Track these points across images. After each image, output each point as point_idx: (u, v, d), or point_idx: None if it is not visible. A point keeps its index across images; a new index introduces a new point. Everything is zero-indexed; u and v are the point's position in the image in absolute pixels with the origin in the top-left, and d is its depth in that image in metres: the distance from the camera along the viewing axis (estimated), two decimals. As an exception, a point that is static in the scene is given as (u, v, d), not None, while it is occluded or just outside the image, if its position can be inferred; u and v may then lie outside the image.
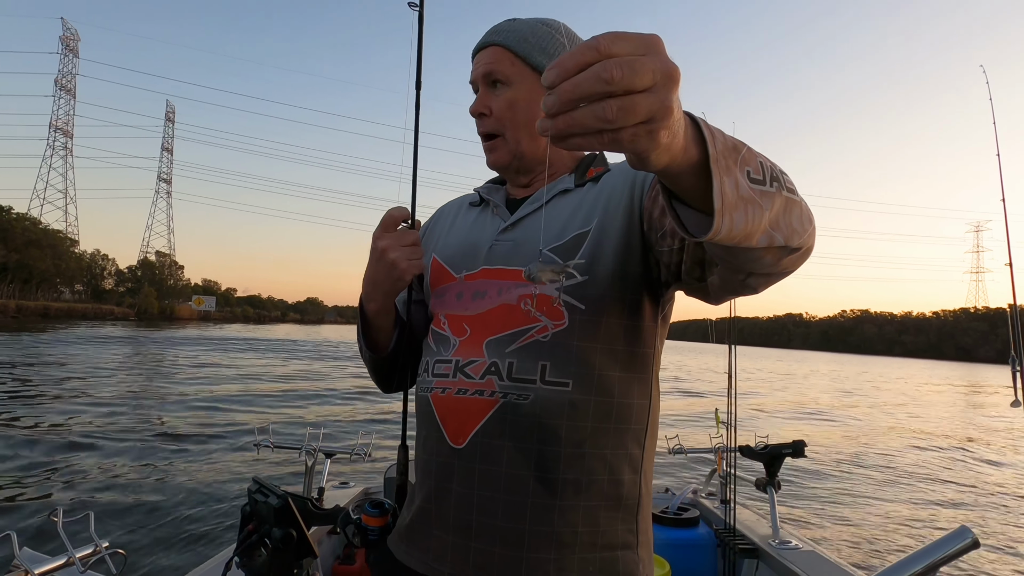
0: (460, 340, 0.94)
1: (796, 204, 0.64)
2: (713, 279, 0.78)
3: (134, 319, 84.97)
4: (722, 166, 0.53)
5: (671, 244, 0.82)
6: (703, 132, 0.53)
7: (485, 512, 0.86)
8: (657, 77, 0.44)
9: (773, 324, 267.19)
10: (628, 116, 0.44)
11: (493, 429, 0.87)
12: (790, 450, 2.51)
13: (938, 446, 11.76)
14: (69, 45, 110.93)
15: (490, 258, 0.98)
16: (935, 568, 1.20)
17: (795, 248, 0.66)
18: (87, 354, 20.83)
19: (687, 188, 0.57)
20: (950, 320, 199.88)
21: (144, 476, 6.24)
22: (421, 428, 0.98)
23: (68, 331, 35.82)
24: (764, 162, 0.60)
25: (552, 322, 0.89)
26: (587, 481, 0.87)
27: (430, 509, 0.92)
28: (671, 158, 0.50)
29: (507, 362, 0.88)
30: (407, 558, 0.93)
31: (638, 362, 0.92)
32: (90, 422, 8.85)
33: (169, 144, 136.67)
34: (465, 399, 0.90)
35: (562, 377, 0.87)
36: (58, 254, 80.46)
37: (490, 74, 0.97)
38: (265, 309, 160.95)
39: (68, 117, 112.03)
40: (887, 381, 36.94)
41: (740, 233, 0.57)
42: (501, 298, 0.93)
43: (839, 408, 17.89)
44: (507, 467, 0.86)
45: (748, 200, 0.56)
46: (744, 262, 0.66)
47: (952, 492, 7.95)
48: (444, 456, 0.91)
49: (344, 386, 15.07)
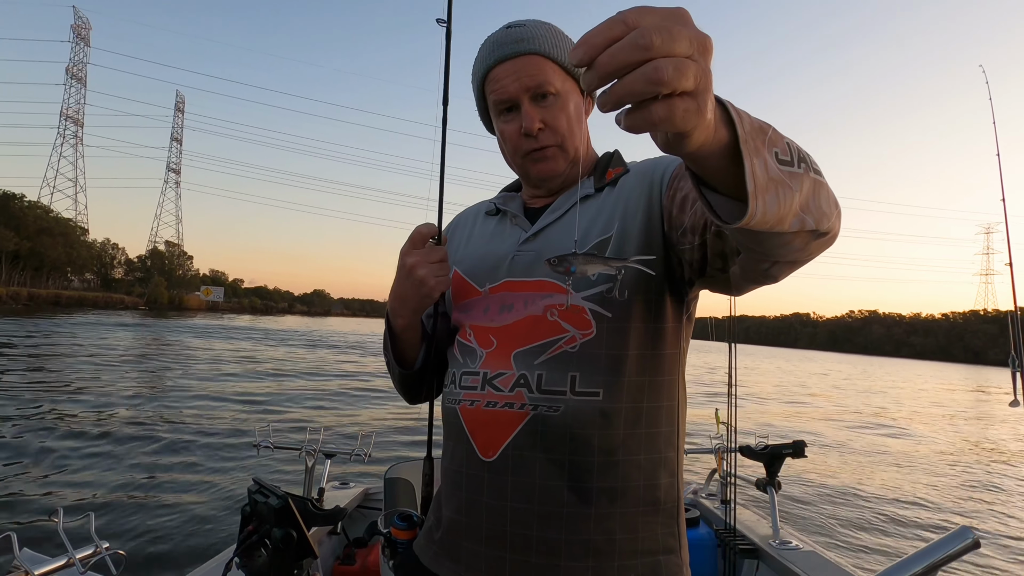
0: (487, 352, 0.93)
1: (823, 186, 0.62)
2: (735, 269, 0.76)
3: (144, 308, 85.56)
4: (751, 147, 0.52)
5: (692, 240, 0.81)
6: (731, 113, 0.51)
7: (518, 523, 0.86)
8: (694, 45, 0.42)
9: (780, 323, 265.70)
10: (681, 78, 0.41)
11: (524, 441, 0.86)
12: (790, 450, 2.50)
13: (941, 450, 11.71)
14: (80, 33, 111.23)
15: (512, 270, 0.97)
16: (935, 568, 1.18)
17: (824, 232, 0.64)
18: (102, 343, 20.97)
19: (715, 173, 0.55)
20: (959, 322, 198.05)
21: (144, 476, 6.24)
22: (449, 440, 0.97)
23: (81, 317, 35.97)
24: (791, 143, 0.58)
25: (580, 332, 0.88)
26: (622, 488, 0.86)
27: (460, 521, 0.91)
28: (705, 138, 0.48)
29: (536, 374, 0.88)
30: (436, 565, 0.93)
31: (665, 364, 0.91)
32: (91, 420, 8.86)
33: (179, 134, 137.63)
34: (495, 412, 0.89)
35: (592, 387, 0.86)
36: (70, 242, 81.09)
37: (539, 86, 0.93)
38: (272, 300, 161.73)
39: (79, 106, 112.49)
40: (894, 383, 36.68)
41: (773, 217, 0.55)
42: (527, 310, 0.92)
43: (840, 412, 17.82)
44: (540, 478, 0.85)
45: (778, 182, 0.54)
46: (772, 248, 0.64)
47: (952, 492, 7.93)
48: (474, 468, 0.90)
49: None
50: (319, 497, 2.56)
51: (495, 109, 0.98)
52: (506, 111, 0.97)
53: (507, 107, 0.96)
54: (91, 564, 1.27)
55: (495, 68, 0.95)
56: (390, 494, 2.22)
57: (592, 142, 1.06)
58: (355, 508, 2.76)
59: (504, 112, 0.97)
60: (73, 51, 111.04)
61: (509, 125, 0.96)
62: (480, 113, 1.05)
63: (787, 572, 2.16)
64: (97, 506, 5.19)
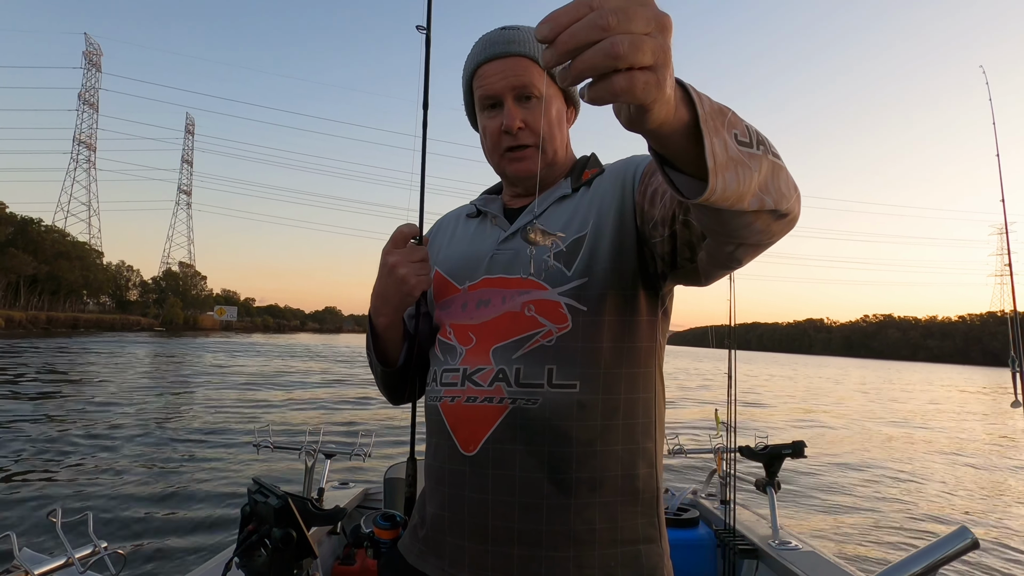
0: (467, 349, 0.95)
1: (781, 169, 0.66)
2: (701, 255, 0.79)
3: (160, 329, 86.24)
4: (711, 127, 0.55)
5: (662, 232, 0.84)
6: (691, 95, 0.54)
7: (500, 516, 0.87)
8: (652, 25, 0.45)
9: (793, 329, 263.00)
10: (637, 53, 0.44)
11: (504, 435, 0.88)
12: (790, 451, 2.51)
13: (943, 450, 11.54)
14: (92, 60, 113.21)
15: (491, 267, 0.99)
16: (935, 568, 1.19)
17: (783, 213, 0.67)
18: (121, 359, 21.13)
19: (677, 153, 0.58)
20: (977, 324, 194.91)
21: (143, 476, 6.25)
22: (432, 437, 0.99)
23: (103, 338, 36.10)
24: (749, 126, 0.61)
25: (556, 326, 0.90)
26: (600, 478, 0.88)
27: (443, 516, 0.93)
28: (666, 115, 0.51)
29: (514, 368, 0.90)
30: (421, 563, 0.95)
31: (640, 357, 0.94)
32: (91, 422, 8.95)
33: (189, 156, 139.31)
34: (475, 407, 0.91)
35: (569, 379, 0.89)
36: (86, 265, 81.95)
37: (524, 87, 0.97)
38: (284, 318, 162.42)
39: (91, 131, 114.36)
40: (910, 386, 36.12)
41: (733, 194, 0.58)
42: (505, 306, 0.94)
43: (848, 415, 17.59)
44: (520, 471, 0.87)
45: (737, 161, 0.57)
46: (735, 229, 0.67)
47: (953, 492, 7.82)
48: (456, 463, 0.92)
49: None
50: (319, 497, 2.57)
51: (480, 104, 1.01)
52: (490, 107, 1.00)
53: (491, 103, 0.99)
54: (90, 564, 1.28)
55: (484, 65, 0.99)
56: (390, 494, 2.23)
57: (572, 146, 1.10)
58: (355, 508, 2.77)
59: (488, 108, 1.00)
60: (85, 77, 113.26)
61: (491, 121, 1.00)
62: (467, 108, 1.08)
63: (787, 572, 2.16)
64: (96, 506, 5.19)
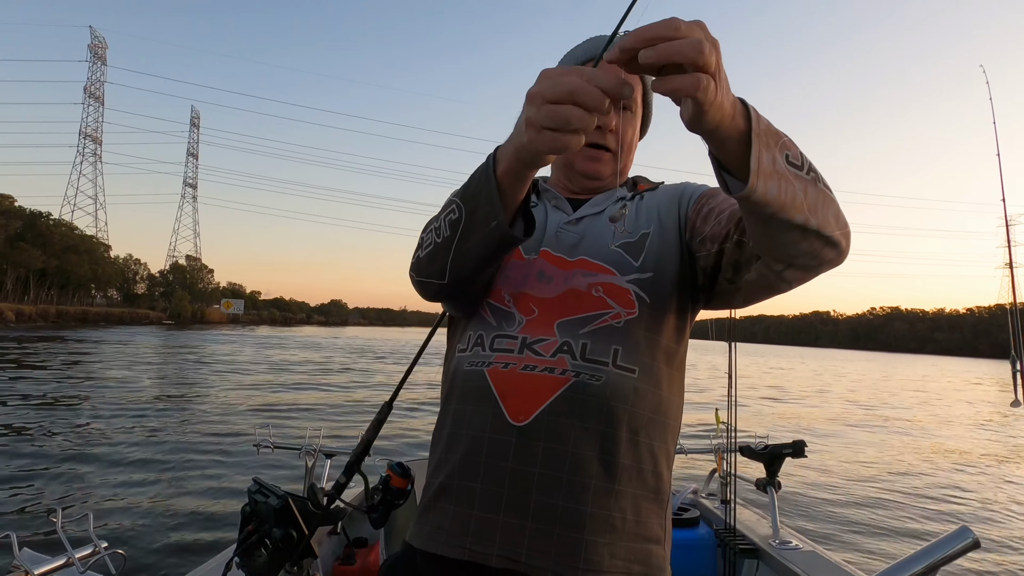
0: (528, 319, 0.93)
1: (831, 201, 0.72)
2: (749, 276, 0.83)
3: (169, 322, 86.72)
4: (763, 141, 0.63)
5: (710, 248, 0.89)
6: (750, 111, 0.63)
7: (545, 492, 0.84)
8: (715, 46, 0.57)
9: (800, 322, 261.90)
10: (711, 58, 0.55)
11: (561, 408, 0.86)
12: (790, 450, 2.49)
13: (944, 449, 11.45)
14: (97, 53, 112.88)
15: (552, 243, 1.00)
16: (935, 568, 1.20)
17: (832, 241, 0.73)
18: (130, 350, 21.26)
19: (732, 157, 0.65)
20: (985, 316, 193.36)
21: (144, 476, 6.26)
22: (466, 404, 0.93)
23: (113, 331, 36.20)
24: (805, 156, 0.69)
25: (625, 310, 0.92)
26: (637, 469, 0.88)
27: (473, 488, 0.87)
28: (721, 118, 0.60)
29: (581, 342, 0.89)
30: (432, 543, 0.89)
31: (679, 360, 0.97)
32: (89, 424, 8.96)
33: (194, 149, 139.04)
34: (533, 375, 0.88)
35: (631, 363, 0.90)
36: (95, 259, 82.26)
37: (629, 97, 0.92)
38: (290, 311, 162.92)
39: (97, 124, 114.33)
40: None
41: (775, 200, 0.65)
42: (568, 284, 0.95)
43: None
44: (573, 447, 0.85)
45: (782, 175, 0.65)
46: (783, 245, 0.72)
47: (953, 493, 7.78)
48: (501, 433, 0.87)
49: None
50: (319, 497, 2.57)
51: None
52: None
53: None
54: (91, 564, 1.27)
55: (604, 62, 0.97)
56: None
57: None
58: (355, 508, 2.77)
59: None
60: (90, 70, 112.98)
61: None
62: None
63: (787, 572, 2.15)
64: (96, 506, 5.22)
